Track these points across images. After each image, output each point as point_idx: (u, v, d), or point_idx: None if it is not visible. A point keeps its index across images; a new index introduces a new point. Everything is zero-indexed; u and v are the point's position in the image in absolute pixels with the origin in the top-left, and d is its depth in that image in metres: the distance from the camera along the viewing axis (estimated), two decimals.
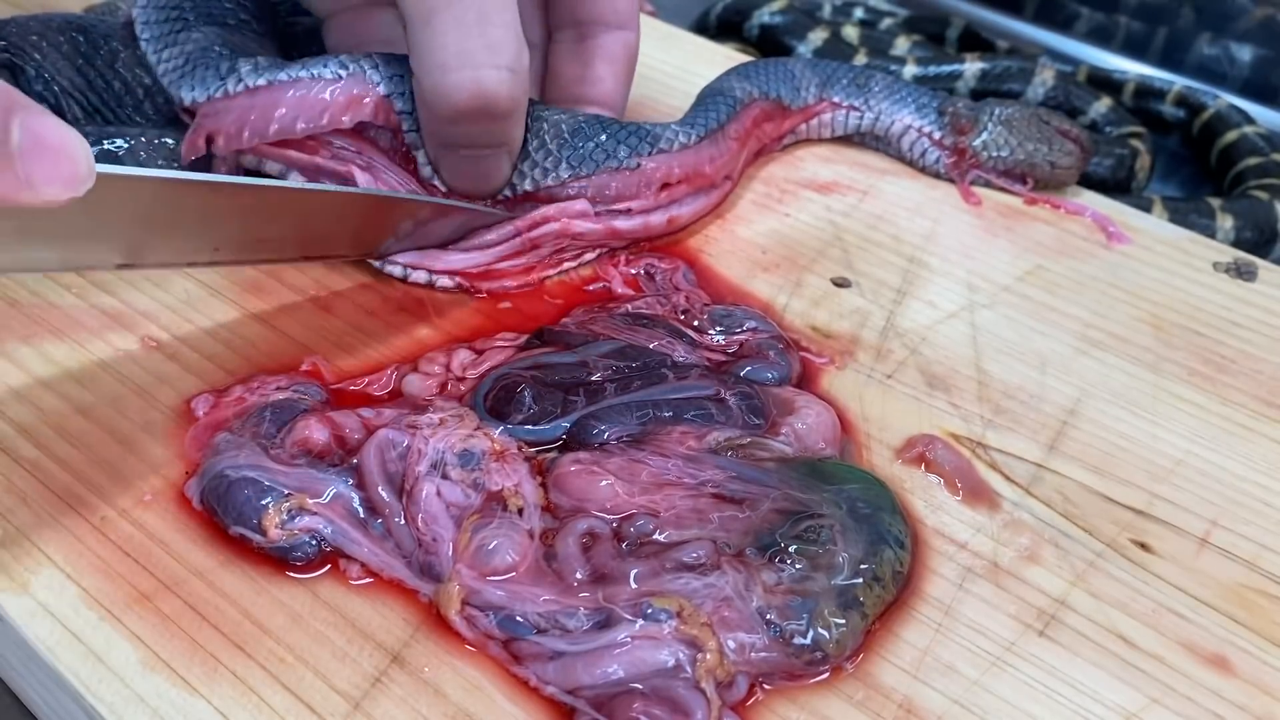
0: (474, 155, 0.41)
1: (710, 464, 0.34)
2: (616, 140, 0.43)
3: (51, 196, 0.26)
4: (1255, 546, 0.36)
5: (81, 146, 0.27)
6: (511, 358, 0.39)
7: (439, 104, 0.38)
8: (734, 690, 0.30)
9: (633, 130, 0.44)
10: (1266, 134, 0.64)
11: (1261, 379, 0.42)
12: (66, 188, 0.27)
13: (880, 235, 0.48)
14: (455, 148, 0.40)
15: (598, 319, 0.41)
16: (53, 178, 0.26)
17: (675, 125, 0.45)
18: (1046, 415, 0.40)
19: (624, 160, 0.43)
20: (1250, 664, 0.32)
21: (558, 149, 0.42)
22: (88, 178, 0.27)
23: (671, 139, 0.44)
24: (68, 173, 0.27)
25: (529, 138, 0.42)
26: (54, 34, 0.45)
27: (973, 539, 0.35)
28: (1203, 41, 0.73)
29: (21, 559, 0.32)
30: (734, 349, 0.40)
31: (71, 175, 0.27)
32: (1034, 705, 0.31)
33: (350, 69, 0.40)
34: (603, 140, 0.43)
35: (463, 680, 0.30)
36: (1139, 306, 0.45)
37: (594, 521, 0.33)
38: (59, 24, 0.46)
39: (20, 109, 0.26)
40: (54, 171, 0.26)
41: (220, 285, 0.43)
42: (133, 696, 0.29)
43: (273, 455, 0.34)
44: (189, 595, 0.32)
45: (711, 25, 0.74)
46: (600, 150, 0.43)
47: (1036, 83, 0.66)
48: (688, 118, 0.47)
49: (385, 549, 0.33)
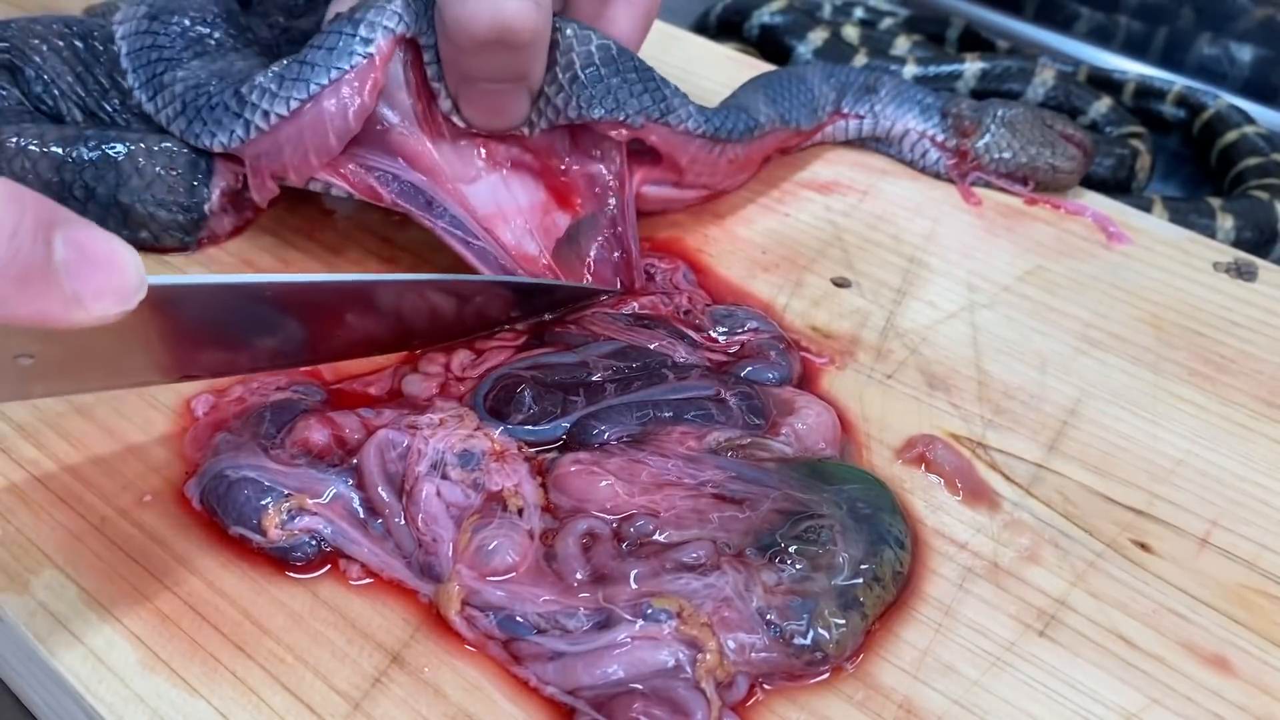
0: (493, 89, 0.40)
1: (710, 464, 0.34)
2: (641, 87, 0.42)
3: (102, 312, 0.25)
4: (1255, 546, 0.36)
5: (129, 255, 0.25)
6: (511, 358, 0.39)
7: (459, 33, 0.37)
8: (734, 690, 0.30)
9: (656, 86, 0.42)
10: (1266, 134, 0.64)
11: (1261, 379, 0.42)
12: (118, 301, 0.25)
13: (880, 235, 0.48)
14: (475, 81, 0.40)
15: (599, 319, 0.41)
16: (103, 292, 0.25)
17: (694, 108, 0.44)
18: (1046, 415, 0.40)
19: (630, 116, 0.42)
20: (1250, 664, 0.32)
21: (581, 80, 0.41)
22: (139, 289, 0.25)
23: (681, 119, 0.43)
24: (118, 285, 0.25)
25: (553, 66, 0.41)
26: (54, 37, 0.45)
27: (973, 539, 0.35)
28: (1203, 41, 0.73)
29: (21, 559, 0.32)
30: (735, 349, 0.40)
31: (122, 287, 0.25)
32: (1034, 705, 0.31)
33: (366, 47, 0.39)
34: (630, 79, 0.42)
35: (463, 680, 0.30)
36: (1139, 306, 0.45)
37: (594, 522, 0.33)
38: (60, 26, 0.46)
39: (62, 223, 0.24)
40: (104, 285, 0.25)
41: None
42: (133, 696, 0.29)
43: (273, 455, 0.34)
44: (189, 595, 0.32)
45: (711, 25, 0.74)
46: (622, 91, 0.41)
47: (1036, 83, 0.66)
48: (710, 110, 0.46)
49: (385, 549, 0.33)
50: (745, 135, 0.47)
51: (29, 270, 0.24)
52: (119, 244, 0.25)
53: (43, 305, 0.24)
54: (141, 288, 0.26)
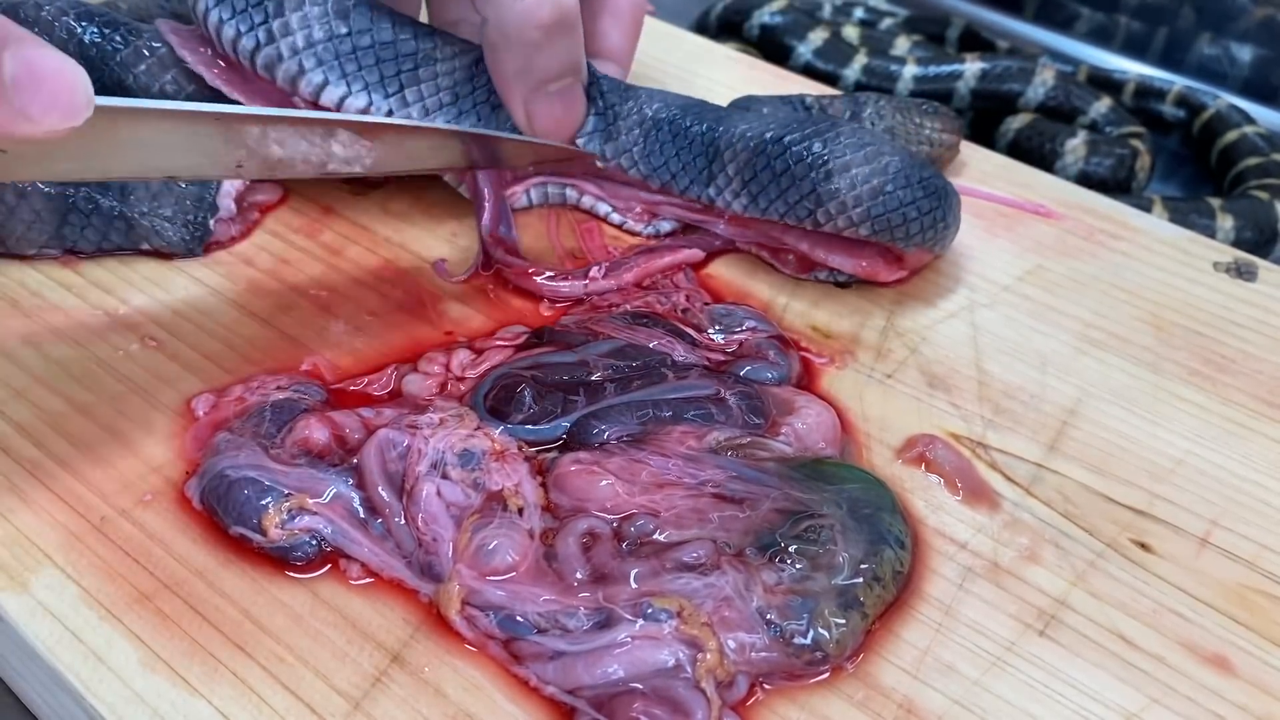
0: (559, 89, 0.41)
1: (710, 464, 0.34)
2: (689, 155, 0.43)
3: (50, 127, 0.26)
4: (1255, 546, 0.36)
5: (78, 75, 0.26)
6: (511, 357, 0.39)
7: (526, 29, 0.39)
8: (734, 690, 0.30)
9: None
10: (1266, 134, 0.64)
11: (1261, 379, 0.42)
12: (65, 117, 0.26)
13: None
14: (542, 85, 0.41)
15: (598, 318, 0.41)
16: (50, 108, 0.26)
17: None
18: (1047, 415, 0.40)
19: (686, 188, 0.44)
20: (1250, 664, 0.32)
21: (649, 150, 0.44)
22: (86, 106, 0.26)
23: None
24: (65, 102, 0.26)
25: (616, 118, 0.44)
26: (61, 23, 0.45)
27: (973, 539, 0.35)
28: (1203, 41, 0.73)
29: (21, 559, 0.32)
30: (733, 348, 0.40)
31: (69, 104, 0.26)
32: (1034, 705, 0.31)
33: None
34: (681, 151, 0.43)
35: (463, 680, 0.30)
36: (1139, 306, 0.45)
37: (594, 521, 0.33)
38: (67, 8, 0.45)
39: (13, 40, 0.25)
40: (51, 102, 0.26)
41: (220, 285, 0.43)
42: (133, 696, 0.29)
43: (273, 455, 0.34)
44: (189, 595, 0.32)
45: (711, 25, 0.74)
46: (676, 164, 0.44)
47: (1036, 83, 0.66)
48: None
49: (385, 549, 0.33)
50: None
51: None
52: (69, 63, 0.26)
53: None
54: (89, 105, 0.26)
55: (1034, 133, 0.63)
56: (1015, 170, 0.53)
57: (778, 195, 0.42)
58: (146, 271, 0.43)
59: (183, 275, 0.43)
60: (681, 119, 0.43)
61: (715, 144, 0.43)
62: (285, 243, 0.45)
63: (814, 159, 0.41)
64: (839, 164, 0.41)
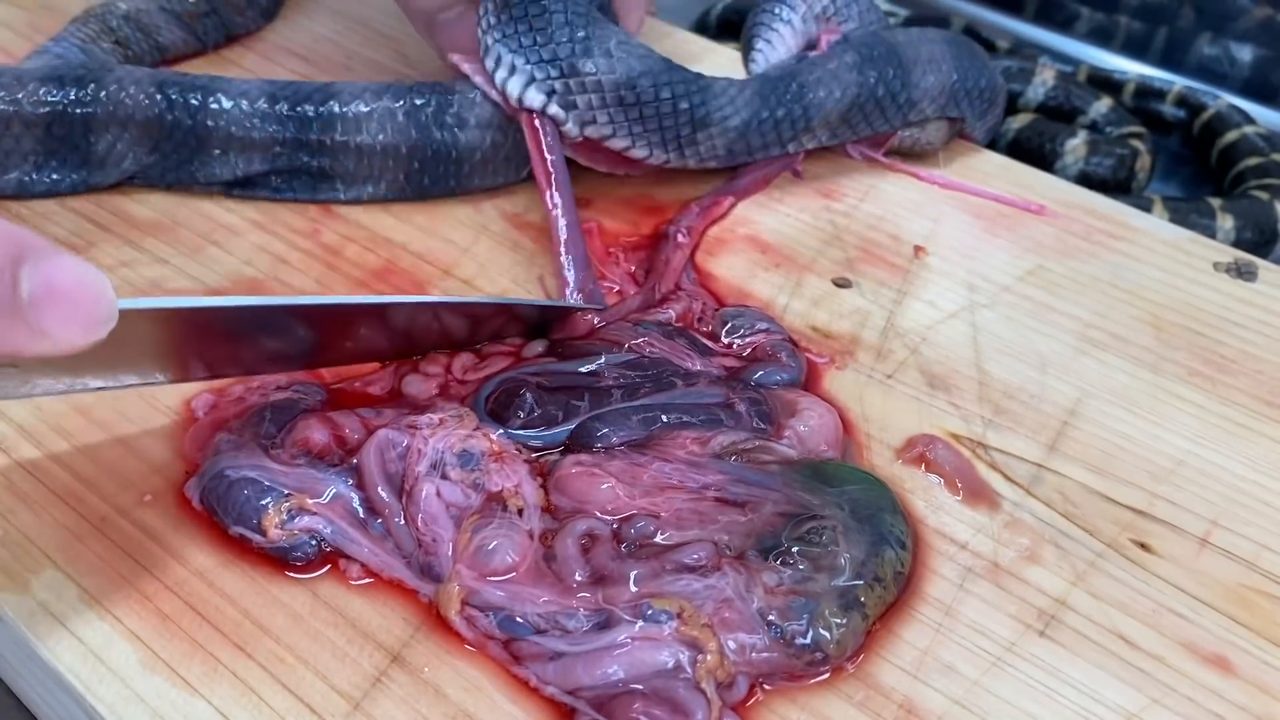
0: (450, 13, 0.46)
1: (713, 468, 0.34)
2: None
3: (69, 343, 0.25)
4: (1255, 546, 0.36)
5: (100, 285, 0.25)
6: (517, 363, 0.39)
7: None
8: (734, 691, 0.30)
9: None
10: (1267, 134, 0.64)
11: (1262, 379, 0.42)
12: (85, 332, 0.25)
13: (880, 235, 0.48)
14: (435, 12, 0.46)
15: (618, 330, 0.40)
16: (69, 324, 0.25)
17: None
18: (1047, 415, 0.40)
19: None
20: (1250, 664, 0.32)
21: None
22: (109, 319, 0.25)
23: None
24: (85, 316, 0.25)
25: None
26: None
27: (973, 539, 0.35)
28: (1203, 41, 0.73)
29: (21, 559, 0.32)
30: (747, 352, 0.40)
31: (89, 318, 0.25)
32: (1034, 705, 0.31)
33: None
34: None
35: (463, 680, 0.30)
36: (1139, 306, 0.45)
37: (594, 522, 0.33)
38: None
39: (30, 254, 0.24)
40: (71, 317, 0.25)
41: (220, 285, 0.43)
42: (133, 696, 0.29)
43: (273, 455, 0.34)
44: (189, 595, 0.32)
45: (711, 25, 0.73)
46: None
47: (1036, 83, 0.66)
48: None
49: (385, 549, 0.33)
50: None
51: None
52: (90, 273, 0.25)
53: (9, 339, 0.24)
54: (111, 318, 0.25)
55: (1034, 133, 0.63)
56: (1015, 170, 0.53)
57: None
58: (147, 272, 0.43)
59: (183, 275, 0.43)
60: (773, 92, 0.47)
61: (807, 114, 0.47)
62: (285, 243, 0.45)
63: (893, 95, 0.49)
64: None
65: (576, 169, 0.46)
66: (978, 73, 0.51)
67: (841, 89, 0.47)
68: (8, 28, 0.58)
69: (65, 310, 0.24)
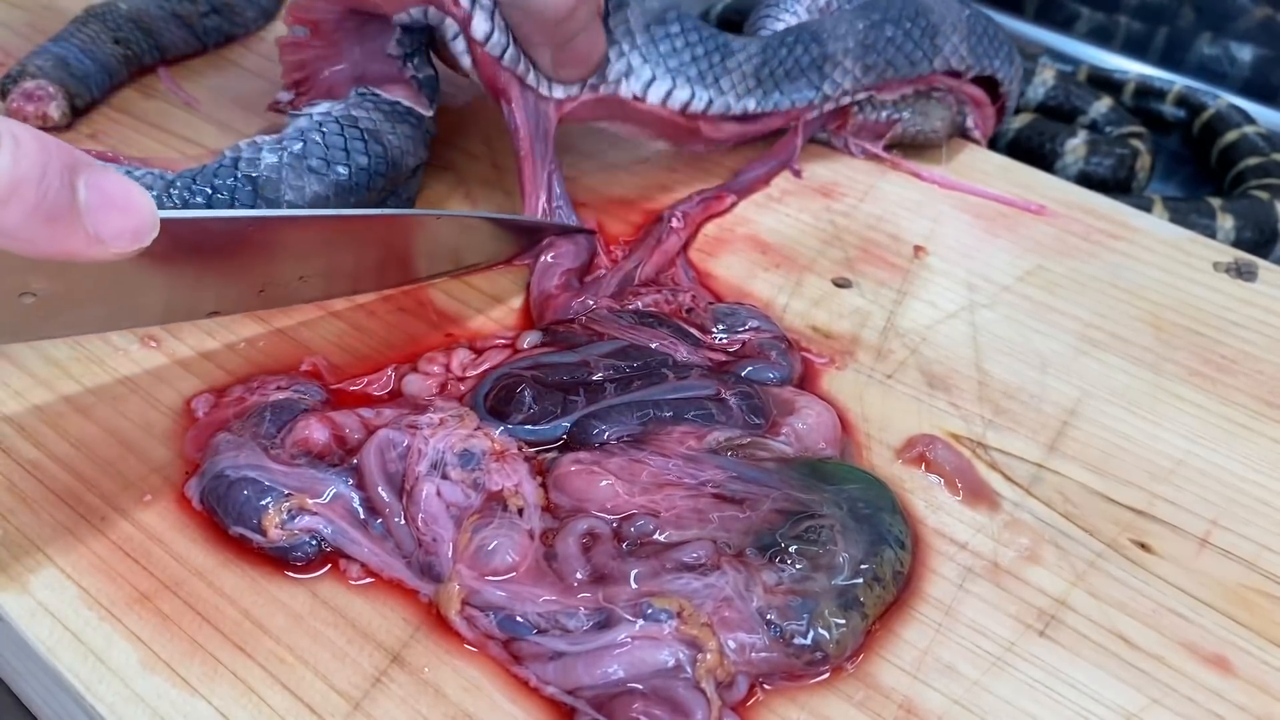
0: (583, 36, 0.43)
1: (710, 464, 0.34)
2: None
3: (121, 250, 0.27)
4: (1255, 546, 0.36)
5: (144, 197, 0.27)
6: (511, 357, 0.39)
7: (554, 7, 0.41)
8: (734, 690, 0.30)
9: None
10: (1266, 134, 0.64)
11: (1261, 379, 0.42)
12: (135, 240, 0.27)
13: (880, 235, 0.48)
14: (568, 39, 0.43)
15: (603, 318, 0.40)
16: (122, 231, 0.27)
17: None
18: (1047, 415, 0.40)
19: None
20: (1250, 664, 0.32)
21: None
22: (153, 228, 0.28)
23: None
24: (135, 224, 0.27)
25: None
26: None
27: (973, 539, 0.35)
28: (1203, 41, 0.73)
29: (21, 559, 0.32)
30: (736, 348, 0.40)
31: (138, 226, 0.27)
32: (1034, 705, 0.31)
33: None
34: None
35: (463, 680, 0.30)
36: (1139, 306, 0.45)
37: (594, 521, 0.33)
38: None
39: (84, 167, 0.26)
40: (123, 225, 0.27)
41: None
42: (133, 696, 0.29)
43: (273, 455, 0.34)
44: (189, 595, 0.32)
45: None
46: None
47: (1036, 83, 0.66)
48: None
49: (385, 549, 0.33)
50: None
51: (57, 210, 0.25)
52: (135, 186, 0.27)
53: (67, 243, 0.26)
54: (155, 226, 0.28)
55: (1034, 132, 0.63)
56: (1015, 170, 0.53)
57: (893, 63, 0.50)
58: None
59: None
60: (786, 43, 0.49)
61: (824, 53, 0.49)
62: None
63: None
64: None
65: (581, 162, 0.46)
66: (988, 21, 0.53)
67: (853, 16, 0.49)
68: (8, 28, 0.58)
69: (118, 217, 0.27)
